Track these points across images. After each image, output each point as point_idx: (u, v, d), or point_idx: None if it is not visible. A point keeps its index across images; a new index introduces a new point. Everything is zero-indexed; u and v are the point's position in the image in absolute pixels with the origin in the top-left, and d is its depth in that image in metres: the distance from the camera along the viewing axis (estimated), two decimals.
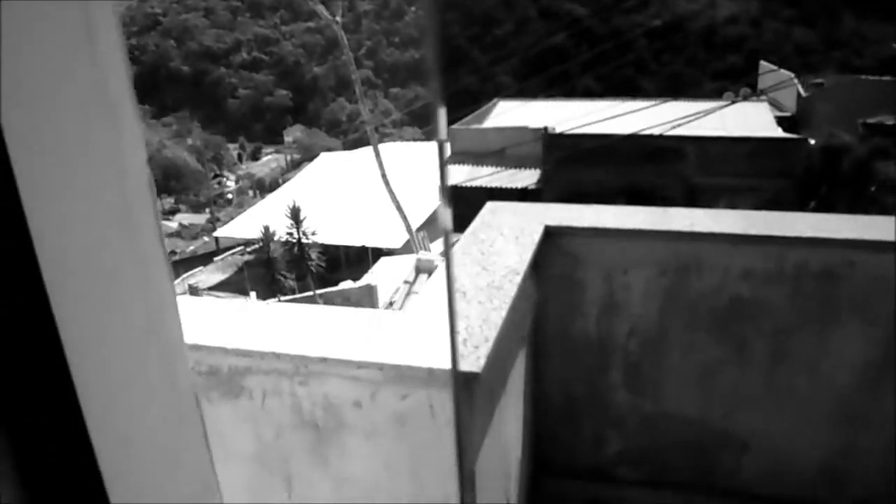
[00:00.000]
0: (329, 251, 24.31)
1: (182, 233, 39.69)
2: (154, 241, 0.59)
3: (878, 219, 2.67)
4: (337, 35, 17.95)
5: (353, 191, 25.72)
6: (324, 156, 33.91)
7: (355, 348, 1.77)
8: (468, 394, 1.65)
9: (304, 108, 62.23)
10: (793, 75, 20.98)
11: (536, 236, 2.47)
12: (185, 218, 43.00)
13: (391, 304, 11.74)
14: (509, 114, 20.68)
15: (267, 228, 22.97)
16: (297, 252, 22.24)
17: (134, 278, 0.56)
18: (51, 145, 0.48)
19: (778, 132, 17.80)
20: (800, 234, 2.47)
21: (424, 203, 20.94)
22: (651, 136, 15.18)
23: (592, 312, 2.62)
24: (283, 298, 18.41)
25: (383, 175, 16.97)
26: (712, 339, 2.59)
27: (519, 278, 2.13)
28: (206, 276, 27.54)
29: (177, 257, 31.83)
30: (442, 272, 2.68)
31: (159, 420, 0.60)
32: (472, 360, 1.67)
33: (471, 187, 15.26)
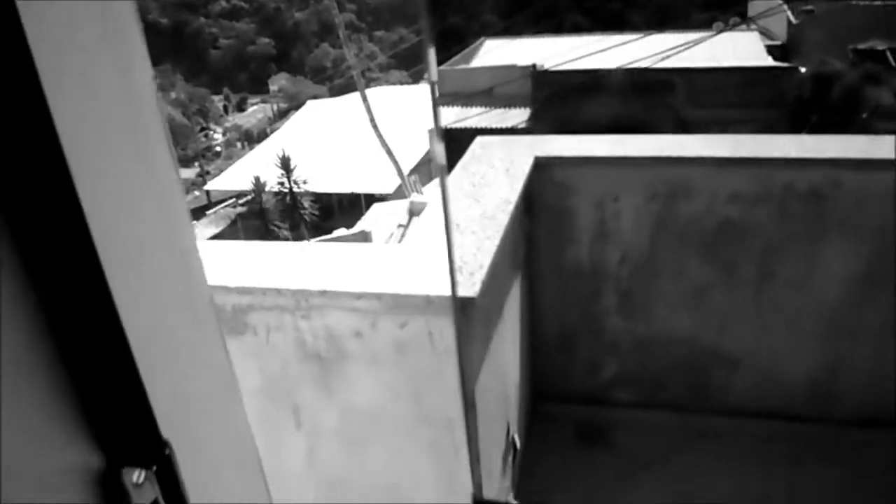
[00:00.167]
0: (321, 199, 24.25)
1: None
2: (176, 191, 0.63)
3: (861, 138, 2.71)
4: None
5: (343, 137, 25.47)
6: (311, 103, 33.48)
7: (354, 280, 1.82)
8: (465, 318, 1.70)
9: (287, 56, 61.07)
10: (782, 2, 20.64)
11: (527, 167, 2.50)
12: None
13: None
14: (496, 52, 20.36)
15: (258, 179, 22.88)
16: (289, 202, 22.21)
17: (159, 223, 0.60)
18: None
19: (768, 61, 17.61)
20: (786, 155, 2.51)
21: (415, 146, 20.80)
22: (640, 70, 15.02)
23: (584, 240, 2.66)
24: None
25: (372, 120, 16.81)
26: (702, 262, 2.65)
27: (511, 208, 2.17)
28: (200, 230, 27.46)
29: None
30: (433, 210, 2.72)
31: (185, 338, 0.64)
32: (468, 286, 1.72)
33: (460, 129, 15.16)
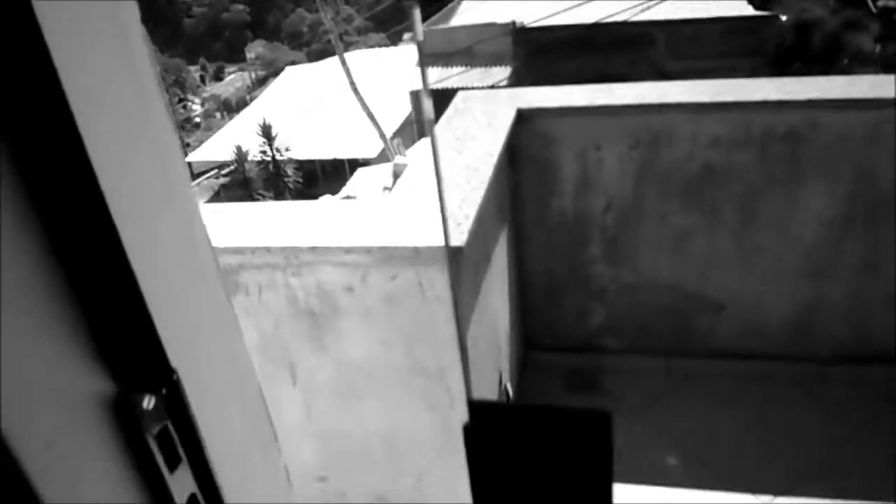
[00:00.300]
0: (304, 166, 24.12)
1: None
2: (177, 153, 0.66)
3: (840, 79, 2.73)
4: None
5: (323, 103, 25.22)
6: (289, 70, 33.06)
7: (343, 235, 1.84)
8: (454, 267, 1.73)
9: (263, 22, 60.06)
10: None
11: (509, 120, 2.51)
12: None
13: None
14: (474, 11, 20.10)
15: (239, 149, 22.68)
16: (272, 170, 22.06)
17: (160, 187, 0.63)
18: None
19: (749, 10, 17.51)
20: (765, 97, 2.53)
21: (396, 109, 20.64)
22: (620, 24, 14.91)
23: (568, 190, 2.69)
24: None
25: (352, 84, 16.63)
26: (685, 208, 2.69)
27: (494, 160, 2.19)
28: None
29: None
30: (414, 169, 2.73)
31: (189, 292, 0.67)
32: (456, 236, 1.75)
33: (441, 90, 15.05)
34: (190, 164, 31.83)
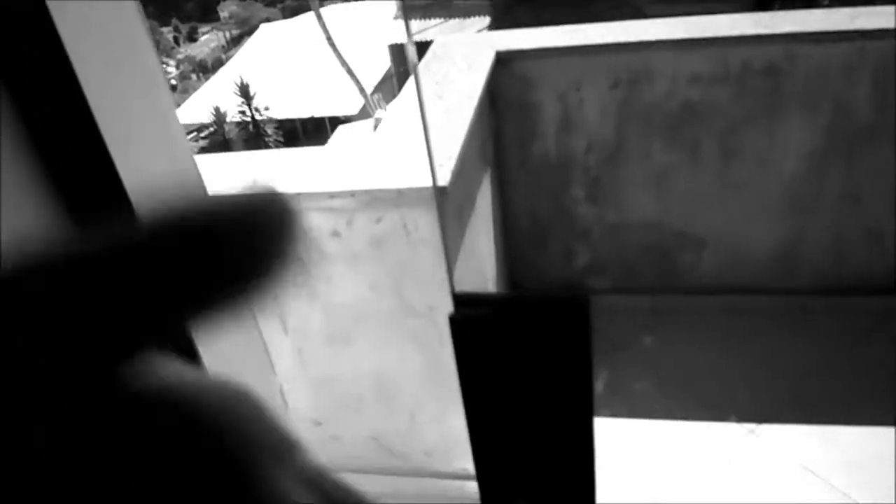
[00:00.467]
0: (285, 125, 23.81)
1: None
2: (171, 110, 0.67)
3: (817, 12, 2.74)
4: None
5: (301, 60, 24.80)
6: (264, 27, 32.36)
7: (326, 180, 1.85)
8: (441, 206, 1.75)
9: None
10: None
11: (488, 63, 2.50)
12: None
13: None
14: None
15: (217, 110, 22.34)
16: (252, 130, 21.79)
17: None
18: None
19: None
20: (742, 32, 2.53)
21: (375, 64, 20.36)
22: None
23: (550, 132, 2.70)
24: None
25: (329, 40, 16.36)
26: (667, 145, 2.70)
27: (475, 102, 2.19)
28: None
29: None
30: (397, 114, 2.72)
31: None
32: (440, 176, 1.76)
33: (419, 42, 14.87)
34: None
